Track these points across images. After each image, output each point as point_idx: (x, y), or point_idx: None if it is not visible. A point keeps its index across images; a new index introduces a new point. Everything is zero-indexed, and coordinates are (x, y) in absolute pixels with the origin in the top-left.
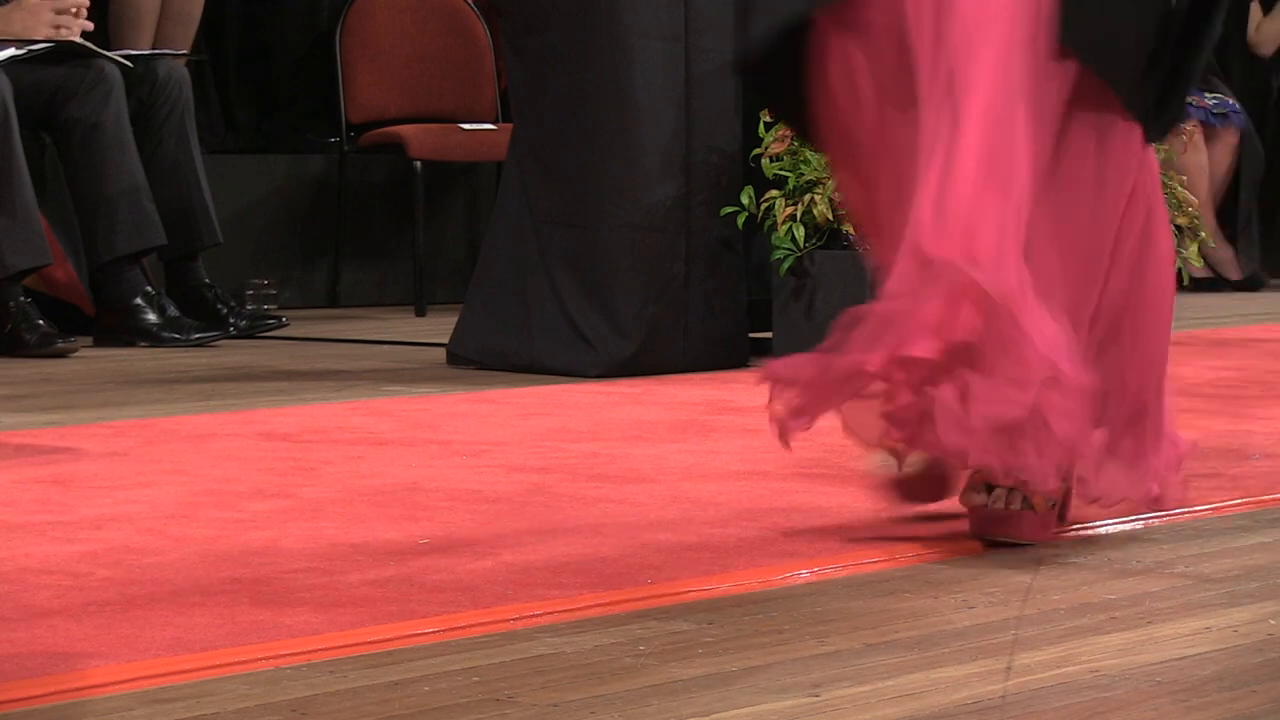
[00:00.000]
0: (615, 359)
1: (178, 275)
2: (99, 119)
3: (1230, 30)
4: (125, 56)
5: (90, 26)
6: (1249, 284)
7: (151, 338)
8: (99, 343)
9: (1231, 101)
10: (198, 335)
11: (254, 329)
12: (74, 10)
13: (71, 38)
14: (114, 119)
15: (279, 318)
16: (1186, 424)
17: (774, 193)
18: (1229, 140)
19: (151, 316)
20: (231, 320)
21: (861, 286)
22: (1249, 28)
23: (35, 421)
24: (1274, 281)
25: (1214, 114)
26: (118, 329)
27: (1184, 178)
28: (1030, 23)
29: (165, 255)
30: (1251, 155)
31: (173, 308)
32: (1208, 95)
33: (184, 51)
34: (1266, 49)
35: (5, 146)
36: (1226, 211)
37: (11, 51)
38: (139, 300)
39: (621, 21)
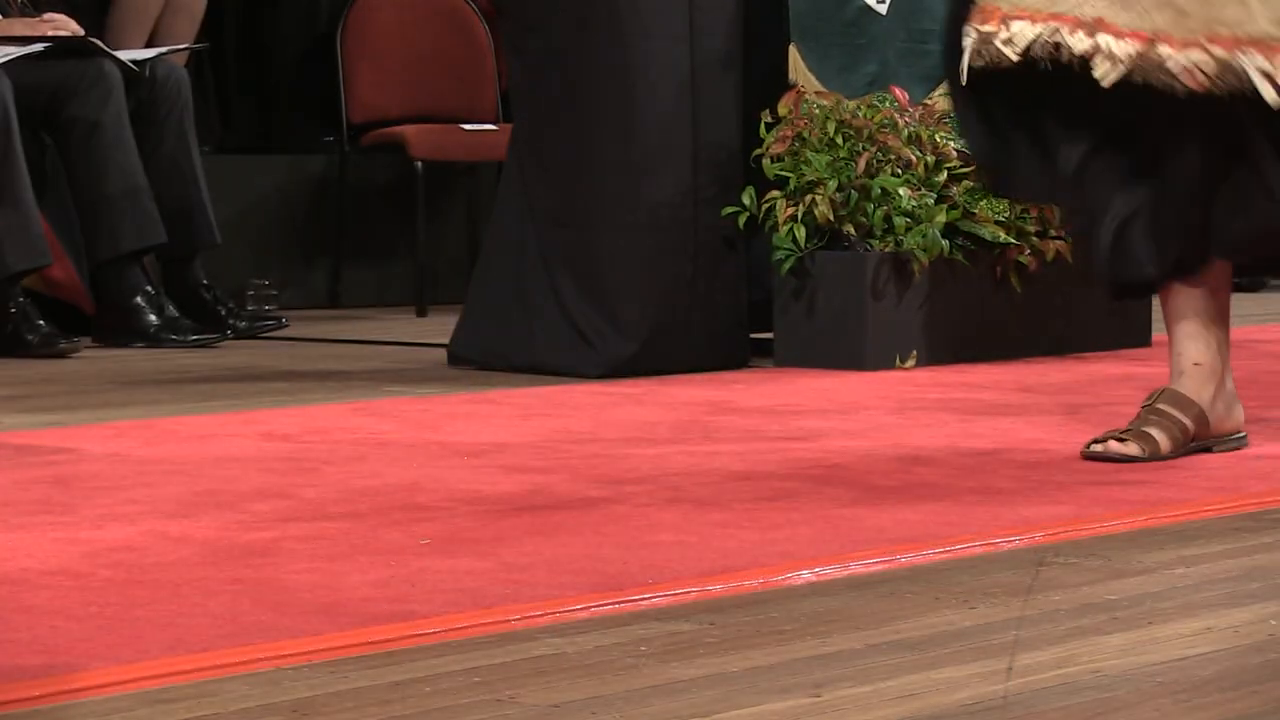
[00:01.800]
0: (616, 359)
1: (175, 276)
2: (99, 118)
3: None
4: (131, 59)
5: (80, 32)
6: (1250, 285)
7: (151, 338)
8: (97, 342)
9: None
10: (196, 336)
11: (254, 329)
12: (56, 16)
13: (61, 32)
14: (114, 118)
15: (279, 318)
16: None
17: (775, 193)
18: None
19: (151, 317)
20: (231, 321)
21: (861, 287)
22: None
23: (36, 422)
24: (1274, 282)
25: None
26: (117, 329)
27: None
28: None
29: (163, 255)
30: None
31: (171, 308)
32: None
33: (185, 46)
34: None
35: (5, 147)
36: None
37: (15, 50)
38: (139, 300)
39: (623, 21)
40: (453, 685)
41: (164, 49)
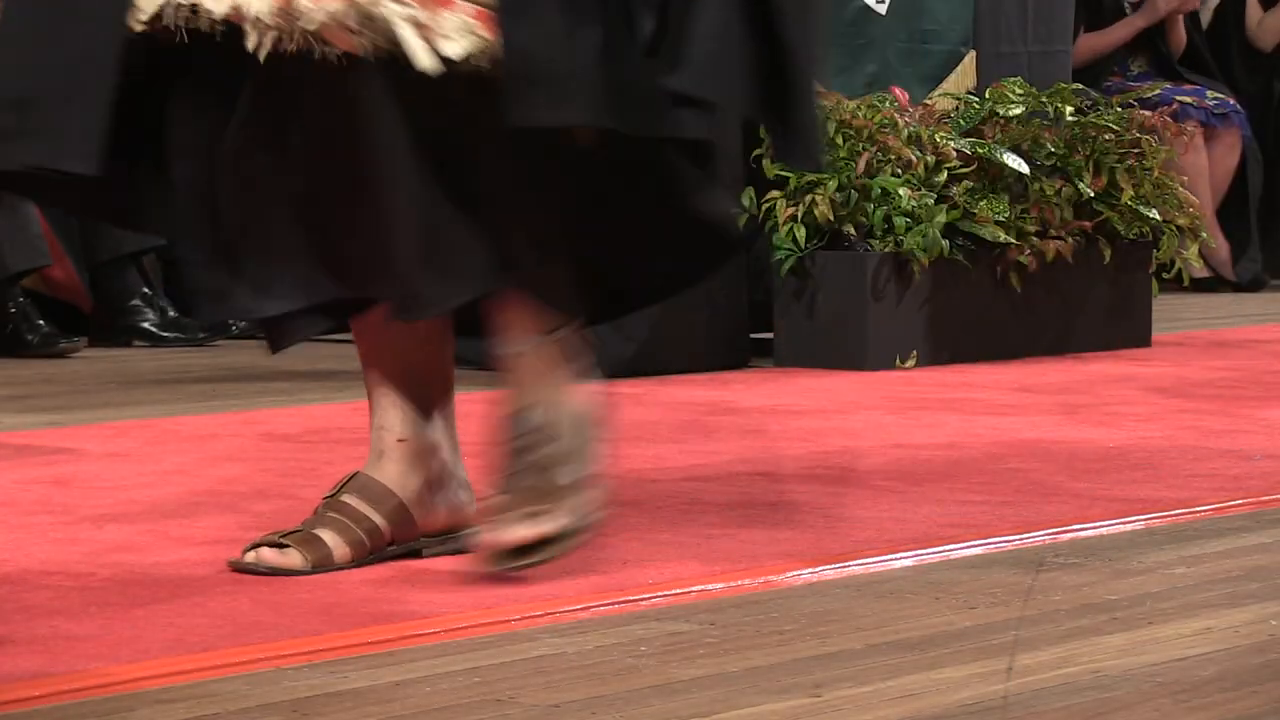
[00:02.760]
0: (616, 359)
1: (175, 275)
2: None
3: (1231, 30)
4: None
5: None
6: (1251, 285)
7: (148, 338)
8: (94, 342)
9: (1232, 102)
10: (194, 335)
11: (252, 330)
12: None
13: None
14: None
15: None
16: (1188, 424)
17: (775, 193)
18: (1229, 141)
19: (149, 317)
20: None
21: (861, 287)
22: (1247, 22)
23: (36, 422)
24: (1274, 282)
25: (1214, 114)
26: (114, 329)
27: (1184, 178)
28: None
29: (164, 254)
30: (1252, 165)
31: (170, 308)
32: (1208, 95)
33: None
34: (1266, 43)
35: None
36: (1225, 211)
37: None
38: (136, 301)
39: None
40: (453, 685)
41: None
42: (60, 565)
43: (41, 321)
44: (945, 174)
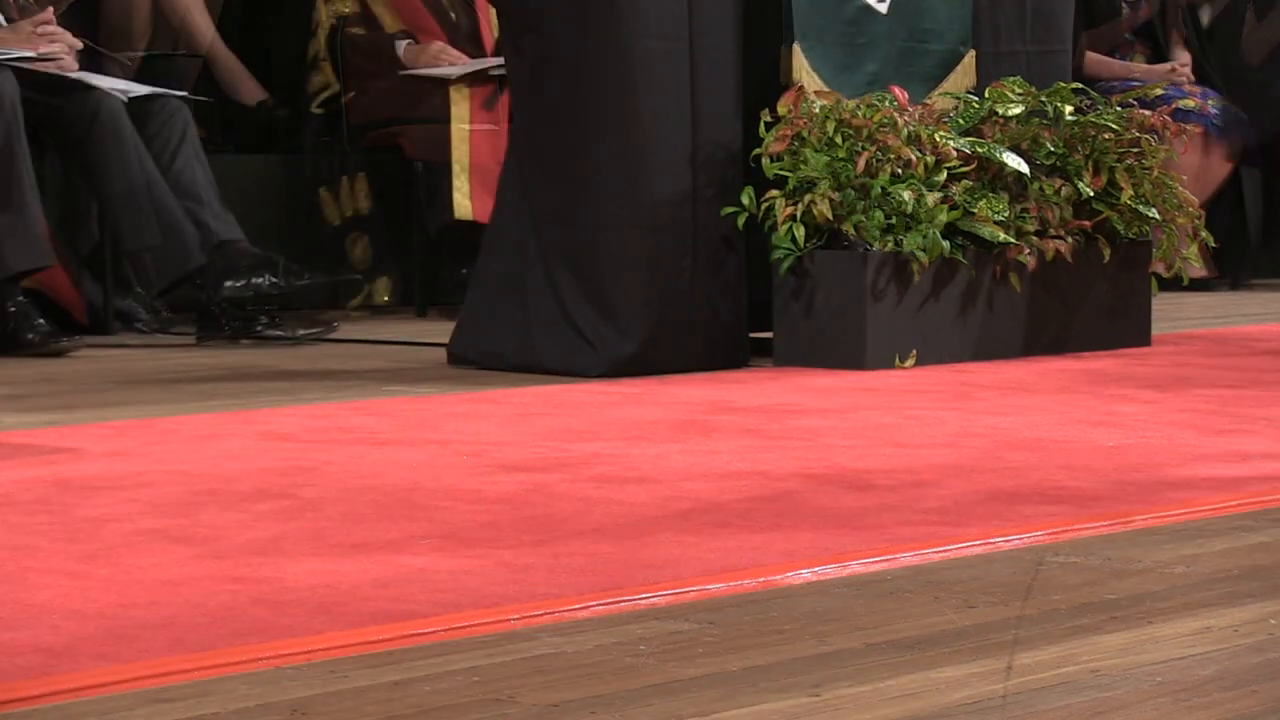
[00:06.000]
0: (616, 359)
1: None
2: (99, 114)
3: (1230, 39)
4: (124, 92)
5: (78, 45)
6: (1205, 284)
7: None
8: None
9: (1235, 110)
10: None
11: (246, 330)
12: (49, 27)
13: (55, 49)
14: (113, 116)
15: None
16: (1187, 424)
17: (774, 193)
18: (1230, 149)
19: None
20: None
21: (861, 287)
22: (1244, 35)
23: (36, 421)
24: (1274, 282)
25: (1215, 123)
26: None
27: (1184, 177)
28: None
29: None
30: (1249, 188)
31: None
32: (1211, 103)
33: (174, 89)
34: (1255, 56)
35: (9, 145)
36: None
37: (13, 52)
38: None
39: (622, 21)
40: (453, 685)
41: (158, 90)
42: (60, 565)
43: (41, 320)
44: (945, 174)
